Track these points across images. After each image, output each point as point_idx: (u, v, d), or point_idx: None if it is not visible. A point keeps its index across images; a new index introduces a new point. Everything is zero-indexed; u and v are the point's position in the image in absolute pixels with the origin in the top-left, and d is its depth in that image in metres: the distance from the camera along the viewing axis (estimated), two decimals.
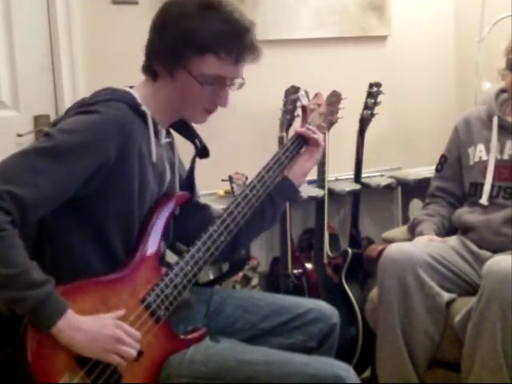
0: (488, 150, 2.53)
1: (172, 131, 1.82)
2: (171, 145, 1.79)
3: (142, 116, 1.63)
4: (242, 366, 1.61)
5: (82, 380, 1.44)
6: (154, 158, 1.65)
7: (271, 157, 1.90)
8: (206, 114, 1.72)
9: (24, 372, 1.41)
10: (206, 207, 1.91)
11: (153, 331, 1.60)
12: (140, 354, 1.55)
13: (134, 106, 1.62)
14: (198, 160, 1.85)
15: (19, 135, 2.61)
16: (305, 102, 2.52)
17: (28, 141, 2.63)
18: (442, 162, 2.69)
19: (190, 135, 1.81)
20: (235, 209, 1.76)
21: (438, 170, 2.71)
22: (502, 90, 2.60)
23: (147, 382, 1.59)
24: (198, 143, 1.82)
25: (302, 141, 1.99)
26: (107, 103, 1.58)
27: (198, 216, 1.84)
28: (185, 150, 1.88)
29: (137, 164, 1.60)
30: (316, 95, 2.26)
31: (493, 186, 2.49)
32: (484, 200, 2.48)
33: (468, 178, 2.59)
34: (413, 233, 2.63)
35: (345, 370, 1.64)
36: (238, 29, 1.63)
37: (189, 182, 1.84)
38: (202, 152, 1.82)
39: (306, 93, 2.65)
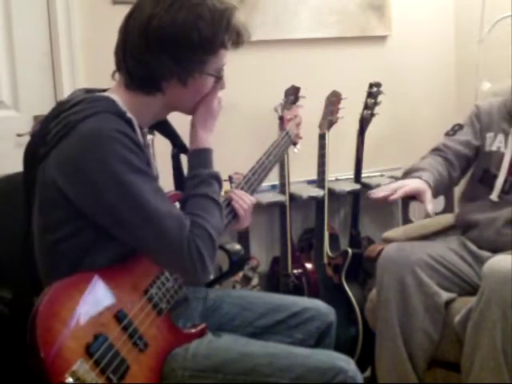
0: (507, 143, 2.47)
1: None
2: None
3: (127, 122, 1.59)
4: (244, 359, 1.63)
5: (91, 369, 1.44)
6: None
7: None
8: None
9: (35, 361, 1.41)
10: None
11: (156, 323, 1.62)
12: (145, 345, 1.57)
13: (120, 114, 1.58)
14: None
15: (19, 135, 2.61)
16: (281, 112, 2.66)
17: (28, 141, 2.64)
18: (456, 129, 2.59)
19: (170, 134, 1.81)
20: (226, 207, 1.79)
21: (448, 135, 2.61)
22: None
23: (152, 375, 1.60)
24: (177, 141, 1.81)
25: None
26: (91, 119, 1.53)
27: None
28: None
29: None
30: (292, 107, 2.34)
31: (505, 181, 2.46)
32: (494, 196, 2.46)
33: (482, 163, 2.53)
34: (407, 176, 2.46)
35: (345, 361, 1.65)
36: (230, 15, 1.63)
37: (179, 180, 1.85)
38: (181, 150, 1.83)
39: (285, 101, 2.73)
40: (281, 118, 2.27)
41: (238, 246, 2.09)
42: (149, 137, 1.74)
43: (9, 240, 1.83)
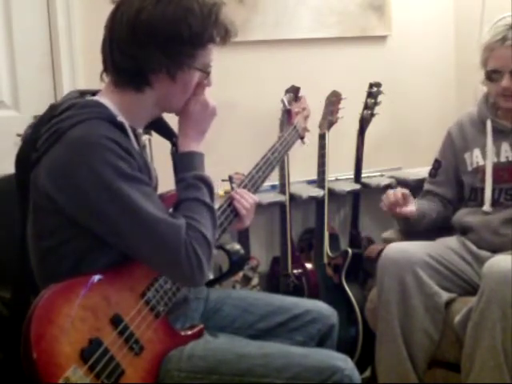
0: (484, 155, 2.51)
1: None
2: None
3: (119, 126, 1.58)
4: (240, 360, 1.62)
5: (85, 374, 1.44)
6: (142, 164, 1.63)
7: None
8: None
9: (29, 366, 1.41)
10: None
11: (153, 326, 1.62)
12: (141, 348, 1.56)
13: (110, 119, 1.57)
14: None
15: (19, 135, 2.60)
16: (289, 105, 2.58)
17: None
18: (436, 167, 2.67)
19: (167, 133, 1.79)
20: (228, 207, 1.80)
21: (431, 175, 2.70)
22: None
23: (148, 377, 1.60)
24: (175, 139, 1.78)
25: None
26: (81, 125, 1.52)
27: None
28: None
29: None
30: (299, 99, 2.30)
31: (493, 190, 2.48)
32: (487, 207, 2.47)
33: (467, 183, 2.58)
34: None
35: (343, 360, 1.64)
36: (218, 10, 1.62)
37: None
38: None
39: (290, 96, 2.66)
40: (288, 112, 2.25)
41: (237, 246, 2.09)
42: (145, 137, 1.72)
43: (8, 240, 1.83)
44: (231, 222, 1.81)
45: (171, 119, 1.78)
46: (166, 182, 1.80)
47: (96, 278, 1.54)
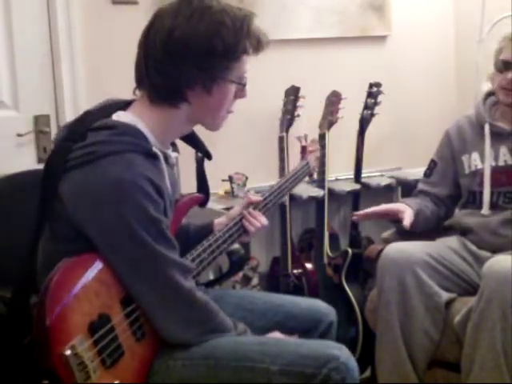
0: (483, 158, 2.51)
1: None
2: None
3: (153, 156, 1.60)
4: (236, 345, 1.63)
5: (89, 348, 1.45)
6: (170, 190, 1.66)
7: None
8: (227, 116, 1.73)
9: (40, 329, 1.42)
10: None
11: None
12: (143, 335, 1.58)
13: (146, 151, 1.58)
14: None
15: (19, 135, 2.61)
16: (304, 143, 2.76)
17: (28, 141, 2.64)
18: (432, 166, 2.66)
19: (193, 141, 1.81)
20: (239, 221, 1.87)
21: (426, 175, 2.68)
22: (489, 94, 2.59)
23: (142, 367, 1.60)
24: (202, 148, 1.82)
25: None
26: (117, 158, 1.53)
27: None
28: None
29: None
30: (312, 140, 2.45)
31: (492, 193, 2.48)
32: (485, 210, 2.48)
33: (465, 186, 2.58)
34: None
35: (338, 348, 1.64)
36: (250, 21, 1.63)
37: (201, 184, 1.89)
38: (206, 155, 1.85)
39: (305, 136, 2.79)
40: (303, 148, 2.45)
41: (237, 246, 2.09)
42: (173, 155, 1.73)
43: (8, 239, 1.83)
44: (237, 238, 1.88)
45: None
46: (187, 185, 1.82)
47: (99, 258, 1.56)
